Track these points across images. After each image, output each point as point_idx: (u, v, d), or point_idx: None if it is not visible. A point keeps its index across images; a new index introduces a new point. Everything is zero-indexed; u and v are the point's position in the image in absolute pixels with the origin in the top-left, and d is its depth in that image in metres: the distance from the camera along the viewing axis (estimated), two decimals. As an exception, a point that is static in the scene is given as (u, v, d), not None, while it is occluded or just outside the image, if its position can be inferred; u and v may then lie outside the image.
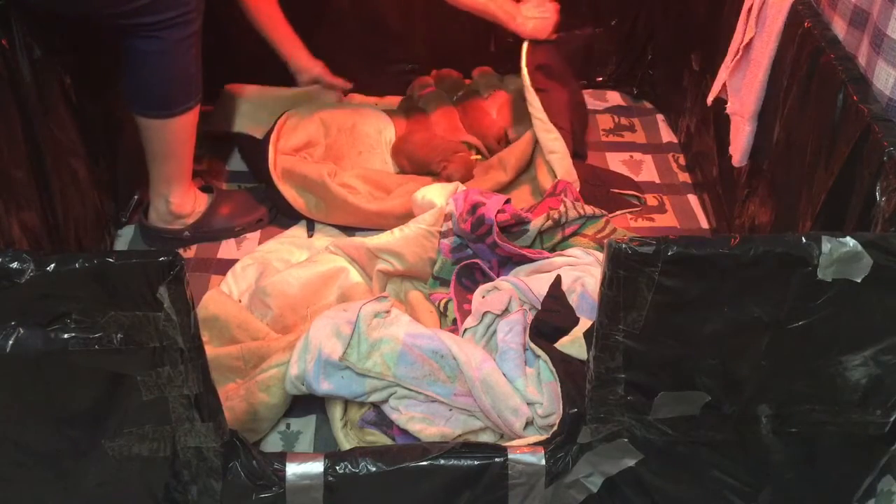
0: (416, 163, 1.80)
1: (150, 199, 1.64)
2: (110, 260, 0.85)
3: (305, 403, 1.34)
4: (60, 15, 1.39)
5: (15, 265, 0.83)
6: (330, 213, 1.69)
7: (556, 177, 1.73)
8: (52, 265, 0.84)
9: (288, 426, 1.33)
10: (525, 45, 1.85)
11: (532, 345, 1.31)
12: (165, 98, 1.48)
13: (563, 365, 1.25)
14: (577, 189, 1.72)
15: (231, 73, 1.94)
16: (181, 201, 1.63)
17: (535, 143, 1.82)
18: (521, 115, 1.88)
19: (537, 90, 1.80)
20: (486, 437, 1.27)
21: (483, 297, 1.42)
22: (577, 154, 1.89)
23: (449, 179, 1.72)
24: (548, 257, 1.51)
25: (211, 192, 1.72)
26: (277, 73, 1.91)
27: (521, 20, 1.83)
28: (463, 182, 1.73)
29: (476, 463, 1.08)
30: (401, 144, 1.84)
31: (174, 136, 1.53)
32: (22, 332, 0.88)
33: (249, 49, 1.90)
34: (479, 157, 1.86)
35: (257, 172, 1.79)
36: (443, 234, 1.55)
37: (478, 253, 1.54)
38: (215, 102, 1.90)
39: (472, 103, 1.94)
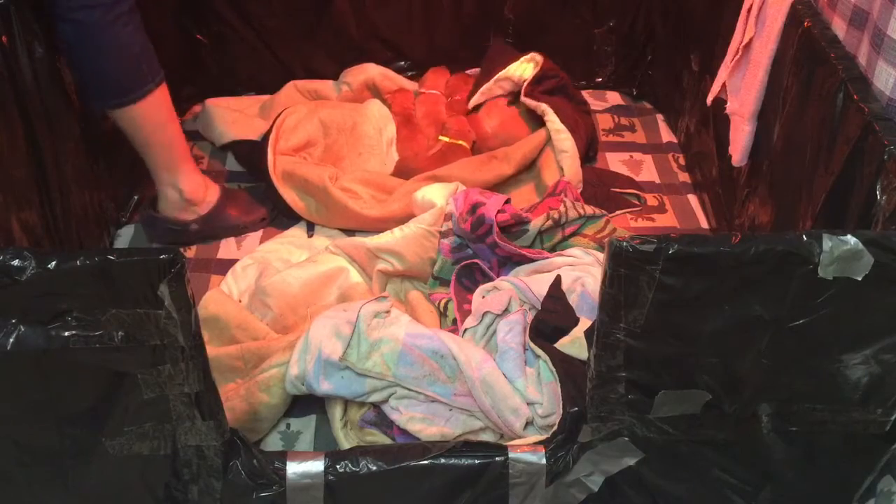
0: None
1: (157, 191, 1.60)
2: (111, 257, 0.85)
3: (305, 403, 1.34)
4: None
5: (16, 263, 0.83)
6: (331, 217, 1.68)
7: (562, 175, 1.73)
8: (53, 263, 0.84)
9: (288, 426, 1.33)
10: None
11: (532, 345, 1.30)
12: (115, 85, 1.38)
13: (563, 365, 1.25)
14: (579, 189, 1.72)
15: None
16: (192, 187, 1.59)
17: (543, 143, 1.82)
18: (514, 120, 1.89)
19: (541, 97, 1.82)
20: (486, 438, 1.27)
21: (483, 297, 1.42)
22: (588, 158, 1.89)
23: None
24: (548, 257, 1.51)
25: None
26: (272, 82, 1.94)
27: None
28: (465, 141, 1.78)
29: (477, 462, 1.08)
30: (403, 170, 1.82)
31: (146, 122, 1.46)
32: (23, 329, 0.87)
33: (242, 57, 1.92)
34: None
35: (256, 174, 1.77)
36: (443, 234, 1.55)
37: (478, 253, 1.54)
38: (198, 116, 1.89)
39: (459, 104, 1.95)
